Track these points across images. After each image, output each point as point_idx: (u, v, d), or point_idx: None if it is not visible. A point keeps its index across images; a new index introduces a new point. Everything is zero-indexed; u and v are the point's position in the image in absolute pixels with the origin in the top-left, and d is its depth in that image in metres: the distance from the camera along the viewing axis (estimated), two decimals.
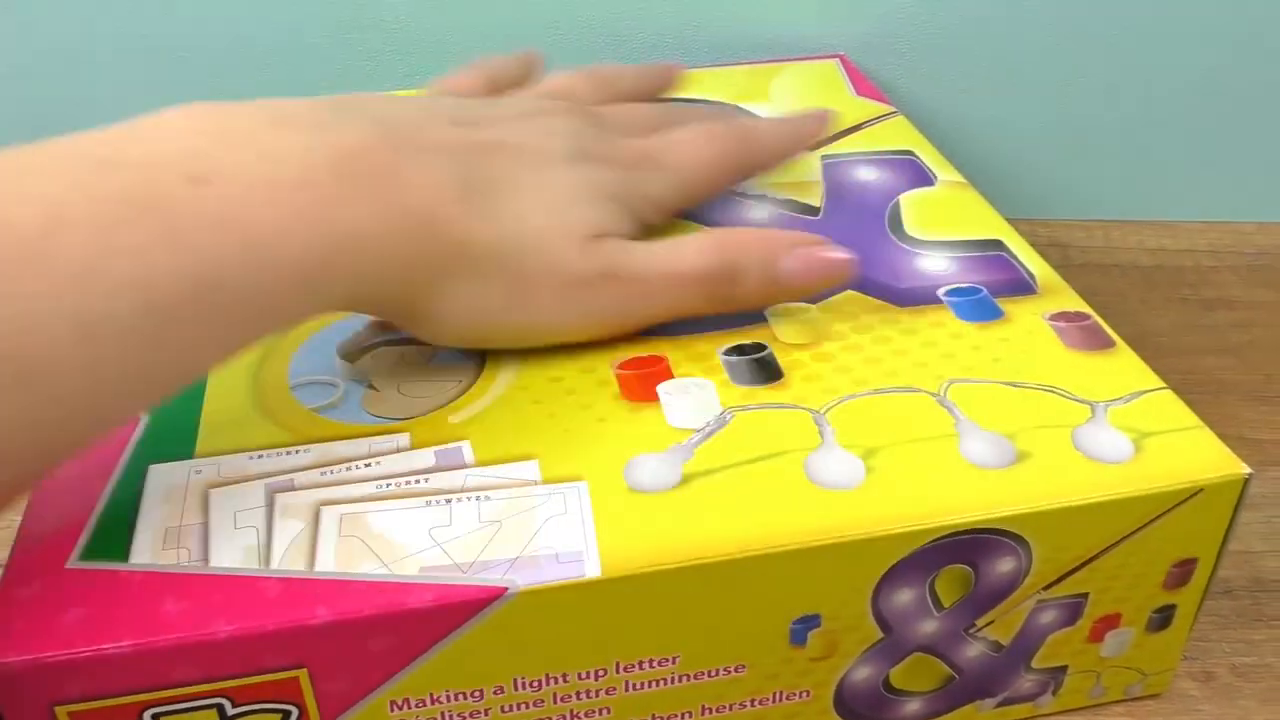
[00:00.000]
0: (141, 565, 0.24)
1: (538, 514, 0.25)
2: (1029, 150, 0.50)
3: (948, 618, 0.27)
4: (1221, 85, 0.48)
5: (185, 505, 0.25)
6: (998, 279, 0.33)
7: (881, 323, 0.31)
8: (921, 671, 0.28)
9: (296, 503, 0.25)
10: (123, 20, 0.46)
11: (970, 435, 0.27)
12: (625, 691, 0.26)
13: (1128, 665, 0.29)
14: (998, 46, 0.48)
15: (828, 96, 0.43)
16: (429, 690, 0.24)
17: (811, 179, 0.38)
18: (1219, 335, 0.44)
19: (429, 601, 0.23)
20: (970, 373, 0.29)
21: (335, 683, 0.24)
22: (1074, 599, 0.27)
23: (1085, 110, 0.49)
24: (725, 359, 0.30)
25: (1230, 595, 0.33)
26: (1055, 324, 0.31)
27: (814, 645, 0.26)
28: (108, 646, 0.22)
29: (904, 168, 0.39)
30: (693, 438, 0.27)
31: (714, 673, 0.26)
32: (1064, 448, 0.27)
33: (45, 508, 0.25)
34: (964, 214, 0.36)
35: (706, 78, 0.45)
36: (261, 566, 0.24)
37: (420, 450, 0.27)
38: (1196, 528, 0.27)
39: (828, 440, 0.27)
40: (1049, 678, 0.29)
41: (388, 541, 0.24)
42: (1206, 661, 0.31)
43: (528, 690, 0.25)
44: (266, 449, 0.27)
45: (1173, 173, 0.51)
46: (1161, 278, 0.48)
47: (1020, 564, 0.26)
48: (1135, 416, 0.28)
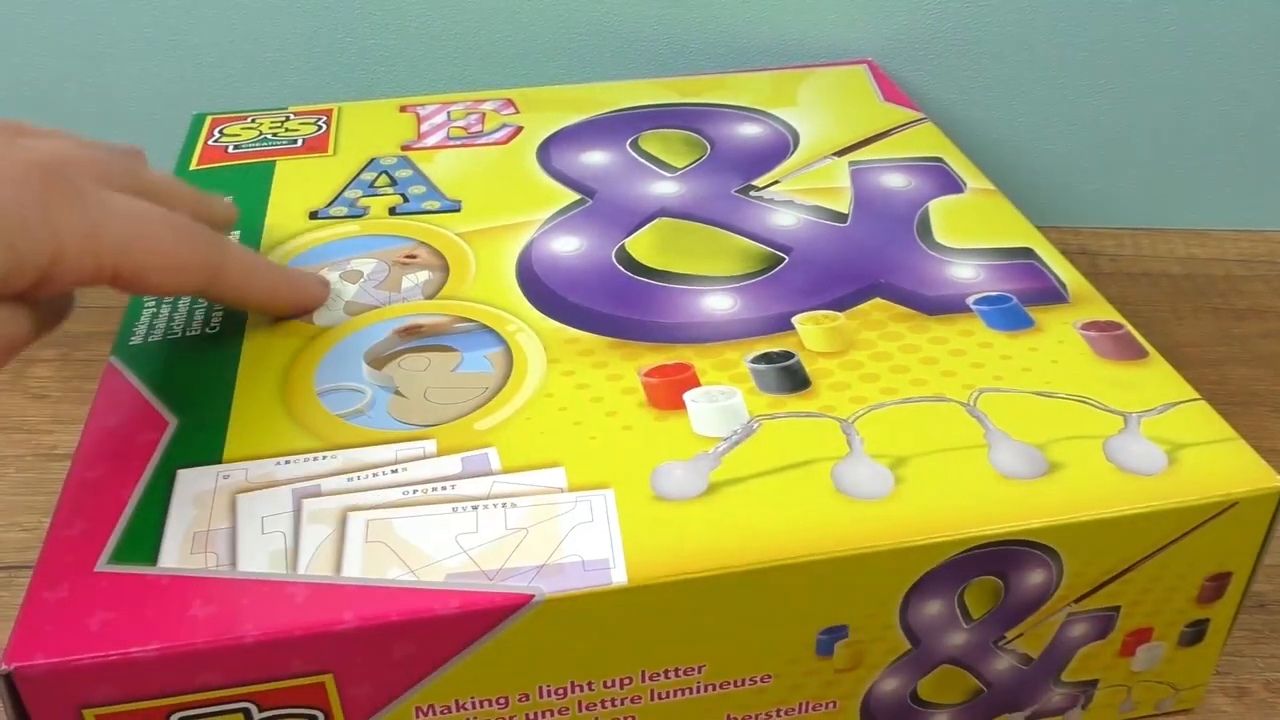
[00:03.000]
0: (169, 569, 0.24)
1: (564, 521, 0.25)
2: (1058, 157, 0.50)
3: (977, 630, 0.26)
4: (1252, 93, 0.48)
5: (213, 510, 0.25)
6: (1028, 287, 0.32)
7: (910, 331, 0.31)
8: (950, 684, 0.27)
9: (323, 508, 0.25)
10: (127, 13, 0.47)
11: (1000, 445, 0.27)
12: (651, 700, 0.26)
13: (1159, 680, 0.29)
14: (1027, 53, 0.48)
15: (855, 102, 0.43)
16: (454, 697, 0.24)
17: (840, 185, 0.38)
18: (1250, 345, 0.44)
19: (455, 608, 0.23)
20: (1000, 382, 0.29)
21: (361, 688, 0.24)
22: (1105, 612, 0.27)
23: (1115, 117, 0.49)
24: (753, 367, 0.29)
25: (1264, 609, 0.33)
26: (1086, 333, 0.31)
27: (841, 656, 0.26)
28: (135, 650, 0.22)
29: (933, 174, 0.38)
30: (719, 446, 0.27)
31: (740, 683, 0.26)
32: (1096, 459, 0.26)
33: (74, 511, 0.25)
34: (994, 221, 0.36)
35: (733, 83, 0.44)
36: (288, 571, 0.24)
37: (447, 457, 0.27)
38: (1231, 541, 0.26)
39: (856, 449, 0.27)
40: (1079, 691, 0.28)
41: (414, 548, 0.24)
42: (1239, 677, 0.31)
43: (553, 698, 0.25)
44: (294, 454, 0.27)
45: (1203, 181, 0.50)
46: (1191, 287, 0.47)
47: (1051, 576, 0.26)
48: (1168, 428, 0.27)
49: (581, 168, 0.39)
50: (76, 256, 0.24)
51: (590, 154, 0.40)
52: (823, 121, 0.42)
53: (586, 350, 0.30)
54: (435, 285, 0.33)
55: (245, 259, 0.29)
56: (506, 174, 0.38)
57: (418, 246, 0.35)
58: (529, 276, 0.33)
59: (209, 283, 0.28)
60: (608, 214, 0.36)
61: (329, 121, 0.42)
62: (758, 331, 0.31)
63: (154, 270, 0.26)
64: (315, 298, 0.31)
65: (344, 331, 0.31)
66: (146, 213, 0.26)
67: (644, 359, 0.30)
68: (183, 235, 0.26)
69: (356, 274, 0.33)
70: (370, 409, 0.28)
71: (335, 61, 0.48)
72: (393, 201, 0.37)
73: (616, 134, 0.41)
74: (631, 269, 0.33)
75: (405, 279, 0.33)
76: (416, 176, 0.38)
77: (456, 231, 0.35)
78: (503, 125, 0.42)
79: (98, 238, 0.24)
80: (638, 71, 0.49)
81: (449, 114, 0.43)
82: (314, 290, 0.31)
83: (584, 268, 0.33)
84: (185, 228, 0.27)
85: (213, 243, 0.27)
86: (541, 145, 0.40)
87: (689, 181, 0.38)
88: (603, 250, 0.34)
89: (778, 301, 0.32)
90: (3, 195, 0.23)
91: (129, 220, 0.25)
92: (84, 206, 0.24)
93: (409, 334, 0.31)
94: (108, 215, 0.25)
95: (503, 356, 0.30)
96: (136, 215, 0.25)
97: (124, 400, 0.28)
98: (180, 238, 0.26)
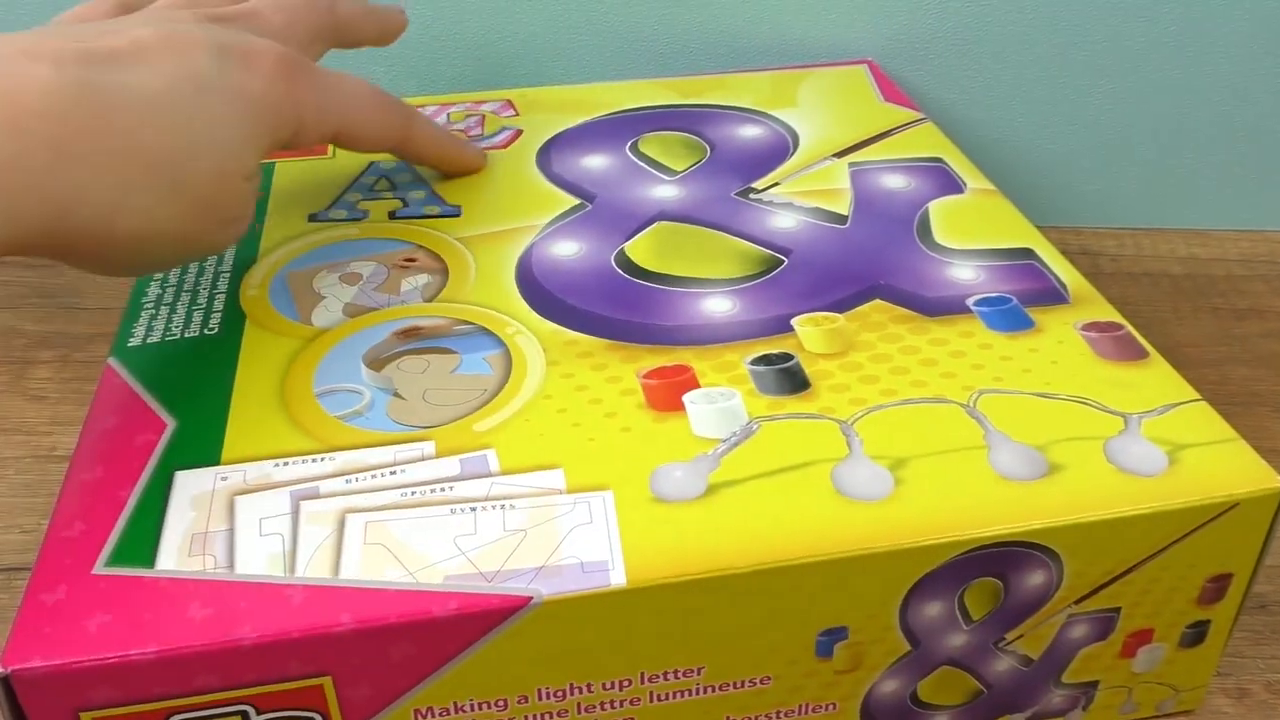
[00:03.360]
0: (167, 571, 0.24)
1: (563, 523, 0.25)
2: (1058, 157, 0.50)
3: (977, 631, 0.26)
4: (1252, 93, 0.48)
5: (211, 512, 0.25)
6: (1028, 288, 0.32)
7: (910, 332, 0.31)
8: (950, 685, 0.27)
9: (321, 510, 0.25)
10: None
11: (1000, 447, 0.27)
12: (650, 702, 0.26)
13: (1160, 681, 0.29)
14: (1028, 53, 0.47)
15: (855, 102, 0.43)
16: (452, 699, 0.24)
17: (840, 187, 0.38)
18: (1251, 345, 0.44)
19: (453, 610, 0.23)
20: (1000, 383, 0.29)
21: (359, 690, 0.24)
22: (1106, 613, 0.27)
23: (1116, 117, 0.49)
24: (752, 369, 0.29)
25: (1265, 610, 0.33)
26: (1087, 334, 0.30)
27: (840, 658, 0.26)
28: (132, 653, 0.22)
29: (933, 175, 0.38)
30: (719, 447, 0.27)
31: (739, 684, 0.26)
32: (1096, 460, 0.26)
33: (72, 513, 0.25)
34: (994, 222, 0.36)
35: (733, 83, 0.44)
36: (286, 574, 0.24)
37: (445, 458, 0.27)
38: (1232, 542, 0.26)
39: (855, 451, 0.27)
40: (1079, 693, 0.28)
41: (412, 550, 0.24)
42: (1240, 678, 0.31)
43: (552, 700, 0.25)
44: (292, 456, 0.27)
45: (1204, 181, 0.50)
46: (1192, 287, 0.47)
47: (1051, 578, 0.26)
48: (1169, 429, 0.27)
49: (581, 172, 0.39)
50: (314, 127, 0.31)
51: (590, 158, 0.40)
52: (823, 122, 0.42)
53: (586, 352, 0.30)
54: (434, 288, 0.33)
55: (428, 125, 0.37)
56: (506, 179, 0.38)
57: (416, 250, 0.35)
58: (528, 280, 0.33)
59: (403, 140, 0.35)
60: (607, 218, 0.36)
61: None
62: (757, 333, 0.31)
63: (364, 132, 0.33)
64: (474, 161, 0.39)
65: (343, 333, 0.31)
66: (357, 88, 0.33)
67: (643, 361, 0.30)
68: (385, 102, 0.34)
69: (356, 276, 0.33)
70: (369, 411, 0.28)
71: (334, 63, 0.48)
72: (392, 206, 0.37)
73: (616, 137, 0.41)
74: (631, 272, 0.33)
75: (404, 282, 0.33)
76: (416, 181, 0.38)
77: (456, 236, 0.35)
78: (502, 128, 0.42)
79: (326, 110, 0.31)
80: (637, 71, 0.48)
81: (448, 116, 0.43)
82: (473, 156, 0.39)
83: (583, 271, 0.33)
84: (386, 99, 0.34)
85: (405, 110, 0.35)
86: (541, 149, 0.40)
87: (689, 184, 0.38)
88: (602, 254, 0.34)
89: (777, 303, 0.32)
90: (263, 90, 0.29)
91: (347, 96, 0.32)
92: (315, 89, 0.31)
93: (408, 336, 0.31)
94: (331, 94, 0.32)
95: (502, 358, 0.30)
96: (351, 92, 0.33)
97: (122, 401, 0.28)
98: (383, 104, 0.34)
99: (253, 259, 0.34)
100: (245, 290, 0.33)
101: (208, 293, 0.32)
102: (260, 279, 0.33)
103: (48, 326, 0.44)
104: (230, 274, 0.33)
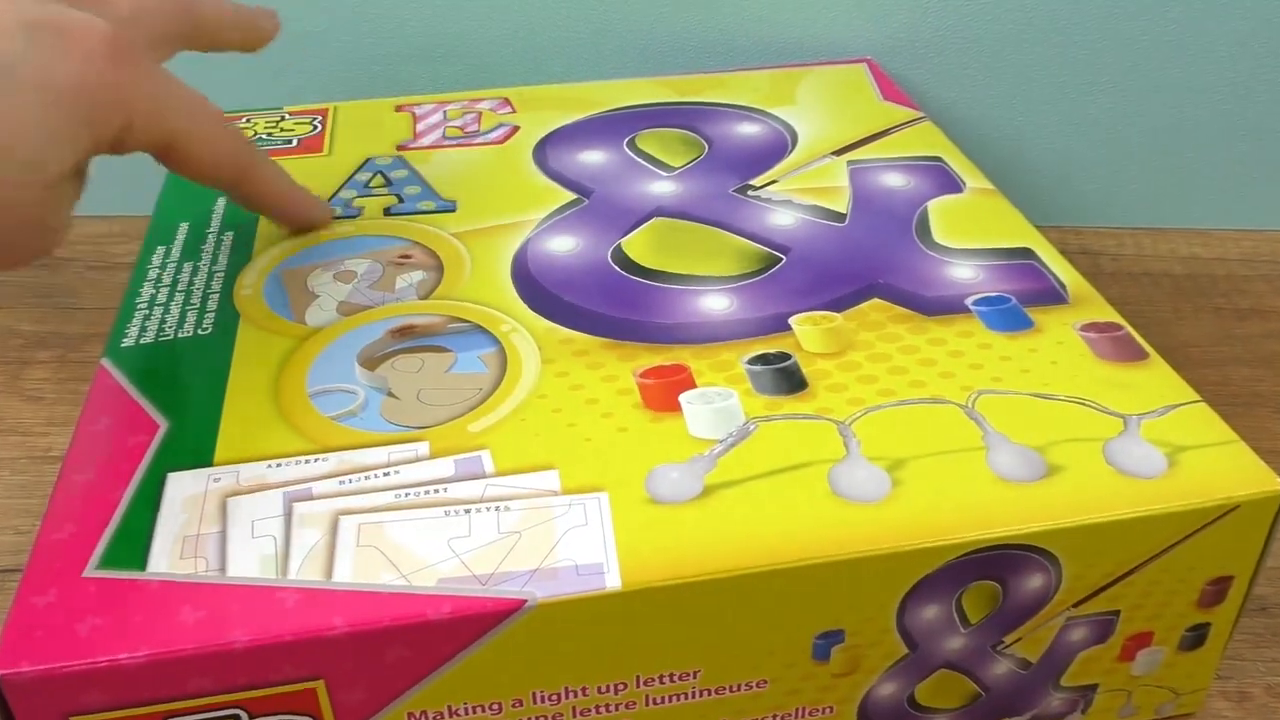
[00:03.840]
0: (159, 574, 0.24)
1: (558, 525, 0.25)
2: (1058, 157, 0.50)
3: (975, 634, 0.26)
4: (1253, 92, 0.48)
5: (203, 514, 0.25)
6: (1027, 288, 0.32)
7: (908, 332, 0.30)
8: (947, 689, 0.27)
9: (314, 512, 0.25)
10: None
11: (999, 448, 0.27)
12: (645, 705, 0.25)
13: (1159, 684, 0.29)
14: (1028, 52, 0.47)
15: (854, 101, 0.43)
16: (446, 702, 0.24)
17: (838, 185, 0.37)
18: (1252, 345, 0.43)
19: (447, 613, 0.23)
20: (999, 384, 0.29)
21: (353, 694, 0.24)
22: (1105, 616, 0.27)
23: (1116, 117, 0.49)
24: (749, 368, 0.29)
25: (1266, 613, 0.33)
26: (1086, 334, 0.30)
27: (837, 661, 0.26)
28: (123, 656, 0.22)
29: (932, 174, 0.38)
30: (715, 448, 0.27)
31: (735, 688, 0.26)
32: (1095, 462, 0.26)
33: (63, 515, 0.25)
34: (993, 221, 0.35)
35: (732, 81, 0.44)
36: (279, 576, 0.24)
37: (440, 459, 0.26)
38: (1232, 545, 0.26)
39: (853, 452, 0.26)
40: (1078, 696, 0.28)
41: (406, 552, 0.24)
42: (1241, 681, 0.31)
43: (546, 703, 0.25)
44: (285, 457, 0.26)
45: (1205, 180, 0.50)
46: (1193, 287, 0.47)
47: (1050, 580, 0.26)
48: (1168, 430, 0.27)
49: (578, 167, 0.39)
50: (144, 129, 0.27)
51: (587, 153, 0.39)
52: (821, 120, 0.41)
53: (581, 351, 0.30)
54: (429, 285, 0.33)
55: (273, 167, 0.33)
56: (503, 174, 0.38)
57: (412, 247, 0.34)
58: (524, 276, 0.33)
59: (241, 174, 0.31)
60: (604, 213, 0.36)
61: (324, 121, 0.42)
62: (754, 332, 0.30)
63: (201, 150, 0.29)
64: (318, 219, 0.35)
65: (337, 332, 0.31)
66: (202, 102, 0.29)
67: (639, 360, 0.29)
68: (230, 130, 0.30)
69: (350, 274, 0.33)
70: (363, 410, 0.28)
71: (331, 61, 0.48)
72: (388, 202, 0.37)
73: (613, 133, 0.41)
74: (627, 269, 0.33)
75: (399, 279, 0.33)
76: (412, 177, 0.38)
77: (452, 232, 0.35)
78: (499, 125, 0.41)
79: (161, 113, 0.27)
80: (636, 70, 0.48)
81: (445, 113, 0.42)
82: (318, 212, 0.35)
83: (580, 267, 0.33)
84: (233, 127, 0.30)
85: (250, 146, 0.31)
86: (538, 145, 0.40)
87: (686, 181, 0.38)
88: (599, 250, 0.34)
89: (775, 302, 0.32)
90: (79, 74, 0.25)
91: (188, 103, 0.28)
92: (150, 81, 0.27)
93: (402, 334, 0.30)
94: (169, 96, 0.28)
95: (497, 357, 0.30)
96: (194, 101, 0.29)
97: (114, 402, 0.28)
98: (228, 130, 0.30)
99: (247, 258, 0.34)
100: (239, 289, 0.32)
101: (201, 292, 0.32)
102: (254, 278, 0.33)
103: (44, 327, 0.43)
104: (225, 274, 0.33)
